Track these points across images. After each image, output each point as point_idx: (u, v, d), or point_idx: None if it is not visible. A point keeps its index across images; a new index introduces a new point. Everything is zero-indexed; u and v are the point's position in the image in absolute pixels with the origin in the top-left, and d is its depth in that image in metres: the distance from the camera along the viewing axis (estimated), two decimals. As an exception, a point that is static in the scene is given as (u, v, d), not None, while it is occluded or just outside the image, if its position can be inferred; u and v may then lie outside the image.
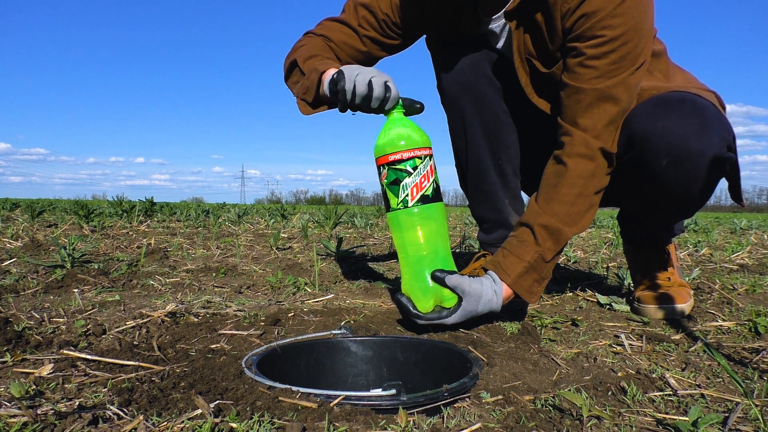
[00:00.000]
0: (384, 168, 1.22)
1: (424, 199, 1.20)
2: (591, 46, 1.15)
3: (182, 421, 0.72)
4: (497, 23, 1.35)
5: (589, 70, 1.17)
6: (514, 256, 1.22)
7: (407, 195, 1.20)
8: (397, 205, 1.21)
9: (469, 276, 1.22)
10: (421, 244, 1.21)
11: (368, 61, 1.47)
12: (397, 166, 1.20)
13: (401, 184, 1.20)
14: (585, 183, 1.20)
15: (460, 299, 1.19)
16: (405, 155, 1.19)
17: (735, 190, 1.30)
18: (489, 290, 1.20)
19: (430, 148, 1.24)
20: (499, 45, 1.39)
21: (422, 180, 1.20)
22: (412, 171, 1.19)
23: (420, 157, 1.20)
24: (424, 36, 1.51)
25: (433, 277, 1.20)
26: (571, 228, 1.21)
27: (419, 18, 1.41)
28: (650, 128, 1.19)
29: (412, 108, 1.26)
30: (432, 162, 1.23)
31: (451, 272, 1.20)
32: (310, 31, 1.48)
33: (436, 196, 1.23)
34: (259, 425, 0.72)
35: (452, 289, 1.19)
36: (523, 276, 1.21)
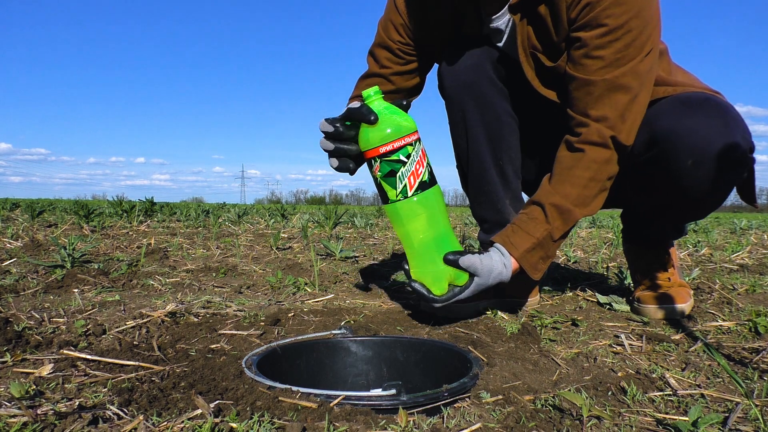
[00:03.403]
0: (376, 161, 1.17)
1: (422, 186, 1.17)
2: (595, 37, 1.16)
3: (182, 421, 0.72)
4: (499, 21, 1.35)
5: (595, 61, 1.18)
6: (523, 231, 1.24)
7: (405, 185, 1.16)
8: (397, 196, 1.18)
9: (478, 253, 1.24)
10: (426, 230, 1.20)
11: (407, 93, 1.51)
12: (390, 158, 1.15)
13: (397, 175, 1.16)
14: (599, 168, 1.21)
15: (472, 276, 1.22)
16: (396, 145, 1.15)
17: (749, 191, 1.30)
18: (499, 264, 1.22)
19: (417, 131, 1.19)
20: (501, 43, 1.39)
21: (417, 167, 1.17)
22: (405, 160, 1.16)
23: (411, 144, 1.16)
24: None
25: (446, 261, 1.21)
26: (581, 209, 1.23)
27: (423, 28, 1.41)
28: (675, 127, 1.19)
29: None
30: (422, 146, 1.20)
31: (461, 252, 1.22)
32: (351, 96, 1.52)
33: (432, 179, 1.20)
34: (259, 425, 0.72)
35: (466, 270, 1.21)
36: (530, 252, 1.24)
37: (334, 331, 1.16)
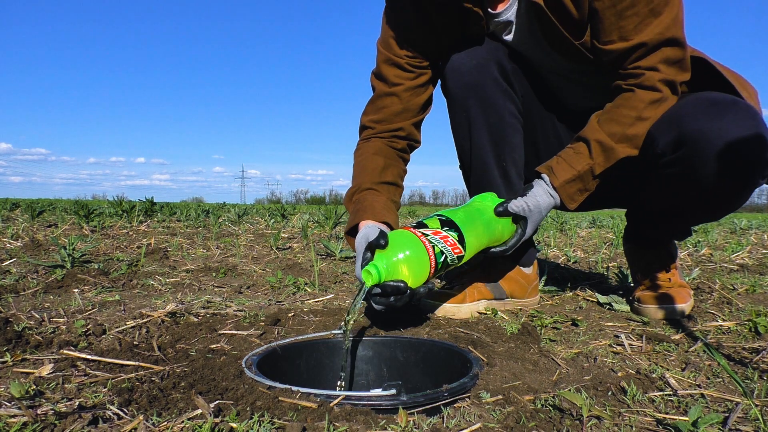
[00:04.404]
0: (435, 276, 1.18)
1: (461, 240, 1.17)
2: None
3: (182, 421, 0.72)
4: (508, 12, 1.34)
5: (630, 20, 1.19)
6: (567, 163, 1.30)
7: (455, 258, 1.17)
8: (461, 264, 1.21)
9: (522, 194, 1.31)
10: (482, 235, 1.23)
11: (420, 109, 1.47)
12: (439, 271, 1.15)
13: (449, 264, 1.17)
14: (646, 107, 1.24)
15: (525, 218, 1.29)
16: (432, 267, 1.13)
17: None
18: (545, 196, 1.30)
19: (420, 236, 1.13)
20: (511, 35, 1.39)
21: (448, 242, 1.15)
22: (443, 255, 1.14)
23: (431, 245, 1.13)
24: None
25: (498, 214, 1.28)
26: (624, 148, 1.26)
27: (429, 35, 1.40)
28: (705, 128, 1.18)
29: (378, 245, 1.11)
30: (429, 228, 1.16)
31: (502, 202, 1.29)
32: (362, 126, 1.48)
33: (455, 228, 1.18)
34: (259, 425, 0.72)
35: (516, 214, 1.28)
36: (569, 183, 1.29)
37: (334, 331, 1.16)
